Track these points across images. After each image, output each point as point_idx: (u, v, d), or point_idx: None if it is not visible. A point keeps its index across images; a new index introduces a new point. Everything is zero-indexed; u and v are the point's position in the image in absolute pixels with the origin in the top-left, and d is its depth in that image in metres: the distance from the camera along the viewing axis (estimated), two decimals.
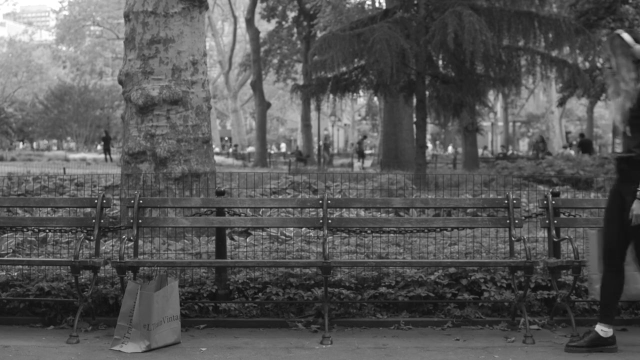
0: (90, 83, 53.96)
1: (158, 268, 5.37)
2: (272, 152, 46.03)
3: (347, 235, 6.04)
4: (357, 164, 36.96)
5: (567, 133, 55.34)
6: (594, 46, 19.18)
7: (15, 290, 5.30)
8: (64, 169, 17.09)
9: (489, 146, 55.64)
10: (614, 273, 4.57)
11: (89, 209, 6.28)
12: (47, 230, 6.22)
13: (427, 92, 19.66)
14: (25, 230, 6.01)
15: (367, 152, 45.21)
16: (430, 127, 47.49)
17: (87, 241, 5.22)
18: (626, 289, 4.63)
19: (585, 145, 30.96)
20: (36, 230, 6.05)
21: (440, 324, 5.22)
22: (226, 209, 5.63)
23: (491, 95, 24.78)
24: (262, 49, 35.40)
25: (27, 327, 5.19)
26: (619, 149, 4.52)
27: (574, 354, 4.54)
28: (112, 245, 5.97)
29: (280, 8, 34.79)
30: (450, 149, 45.08)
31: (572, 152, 33.24)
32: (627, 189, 4.44)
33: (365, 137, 51.76)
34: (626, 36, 4.52)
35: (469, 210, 7.46)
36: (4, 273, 5.47)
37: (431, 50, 18.94)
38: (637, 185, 4.35)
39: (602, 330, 4.57)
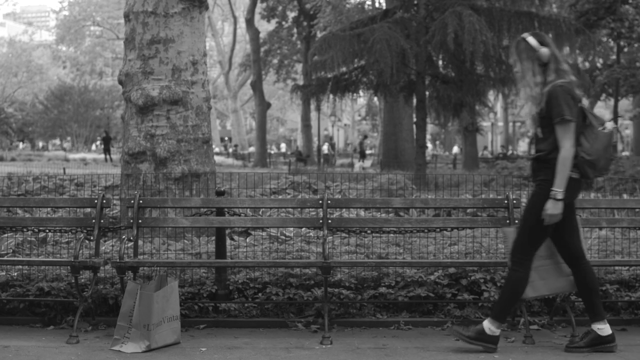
0: (90, 83, 53.97)
1: (158, 268, 5.37)
2: (272, 152, 46.03)
3: (347, 235, 6.04)
4: (358, 164, 36.95)
5: None
6: (594, 46, 19.20)
7: (15, 291, 5.30)
8: (64, 169, 17.10)
9: (489, 146, 55.64)
10: (521, 272, 4.56)
11: (89, 209, 6.28)
12: (47, 231, 6.22)
13: (427, 92, 19.66)
14: (25, 230, 6.01)
15: (367, 152, 45.23)
16: (430, 127, 47.45)
17: (87, 241, 5.23)
18: (547, 283, 4.65)
19: None
20: (36, 230, 6.04)
21: (440, 324, 5.22)
22: (226, 209, 5.62)
23: (491, 95, 24.77)
24: (262, 49, 35.41)
25: (27, 327, 5.19)
26: (532, 150, 4.55)
27: (560, 353, 4.54)
28: (112, 245, 5.97)
29: (280, 8, 34.80)
30: (455, 148, 45.01)
31: None
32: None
33: (365, 137, 51.79)
34: (531, 40, 4.53)
35: (469, 211, 7.46)
36: (4, 273, 5.47)
37: (431, 50, 18.95)
38: (549, 185, 4.37)
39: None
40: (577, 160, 4.40)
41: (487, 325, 4.56)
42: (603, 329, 4.53)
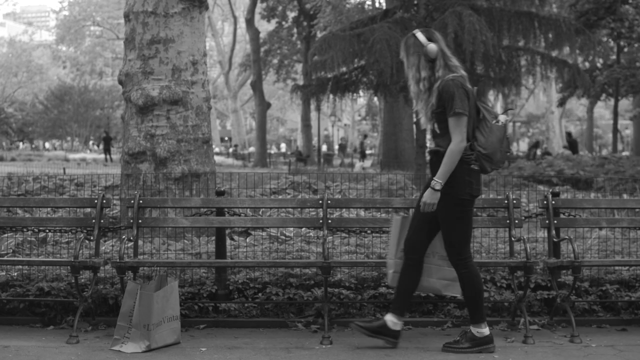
0: (90, 83, 53.98)
1: (158, 268, 5.37)
2: (272, 152, 46.04)
3: (347, 235, 6.04)
4: (358, 164, 36.93)
5: (568, 134, 55.33)
6: (594, 46, 19.18)
7: (15, 291, 5.30)
8: (64, 169, 17.10)
9: None
10: (413, 267, 4.61)
11: (89, 209, 6.28)
12: (47, 231, 6.22)
13: None
14: (25, 230, 6.01)
15: (367, 152, 45.22)
16: None
17: (87, 241, 5.22)
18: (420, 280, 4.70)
19: (572, 145, 31.19)
20: (36, 230, 6.04)
21: (440, 324, 5.22)
22: (226, 209, 5.62)
23: (491, 95, 24.78)
24: (262, 49, 35.40)
25: (27, 327, 5.19)
26: (430, 144, 4.59)
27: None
28: (112, 245, 5.97)
29: (280, 8, 34.79)
30: None
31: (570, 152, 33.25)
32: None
33: (365, 136, 51.80)
34: (420, 35, 4.56)
35: None
36: (4, 273, 5.47)
37: None
38: (452, 179, 4.42)
39: (392, 321, 4.60)
40: (474, 154, 4.44)
41: (390, 319, 4.62)
42: (396, 323, 4.62)
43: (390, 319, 4.62)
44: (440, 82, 4.46)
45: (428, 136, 4.56)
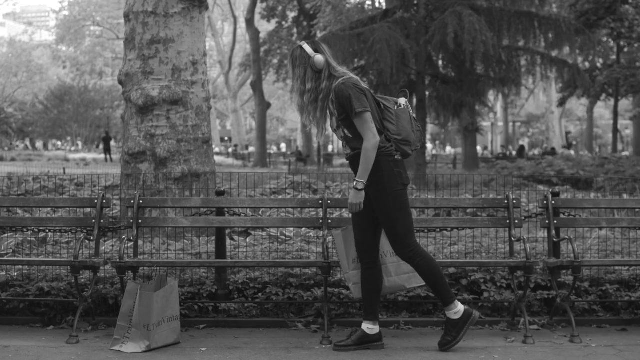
0: (90, 83, 53.98)
1: (158, 268, 5.37)
2: (272, 152, 46.04)
3: None
4: None
5: (567, 133, 55.38)
6: (594, 46, 19.20)
7: (15, 290, 5.30)
8: (64, 169, 17.09)
9: (489, 146, 55.66)
10: (371, 270, 4.61)
11: (89, 209, 6.28)
12: (47, 230, 6.22)
13: (427, 92, 19.65)
14: (25, 230, 6.01)
15: None
16: (430, 127, 47.49)
17: (87, 241, 5.22)
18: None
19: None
20: (36, 230, 6.04)
21: (440, 324, 5.21)
22: (226, 209, 5.62)
23: (491, 95, 24.79)
24: (262, 49, 35.38)
25: (27, 327, 5.19)
26: (346, 150, 4.59)
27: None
28: (112, 245, 5.97)
29: (280, 8, 34.80)
30: (448, 149, 45.22)
31: (572, 152, 33.30)
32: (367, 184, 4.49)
33: None
34: (307, 47, 4.56)
35: (469, 210, 7.46)
36: (4, 273, 5.47)
37: (431, 51, 18.96)
38: (381, 178, 4.44)
39: (369, 327, 4.62)
40: (392, 144, 4.48)
41: (366, 326, 4.63)
42: (372, 329, 4.62)
43: (366, 327, 4.64)
44: (333, 91, 4.48)
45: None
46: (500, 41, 18.61)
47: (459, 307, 4.57)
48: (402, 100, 4.59)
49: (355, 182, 4.46)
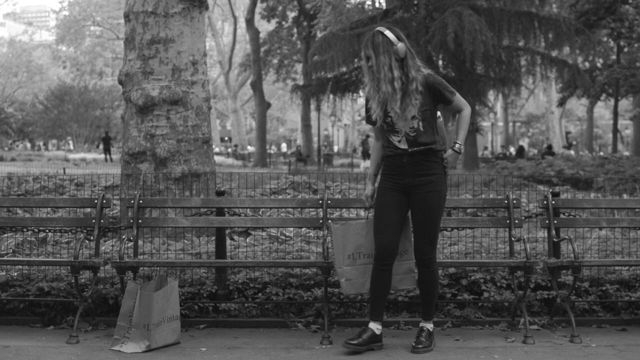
0: (90, 83, 53.96)
1: (158, 268, 5.37)
2: (272, 152, 46.05)
3: None
4: (363, 164, 36.86)
5: (567, 133, 55.38)
6: (594, 46, 19.22)
7: (15, 290, 5.30)
8: (64, 169, 17.10)
9: (489, 146, 55.64)
10: (388, 272, 4.58)
11: (89, 209, 6.28)
12: (47, 230, 6.22)
13: None
14: (25, 230, 6.01)
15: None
16: None
17: (87, 241, 5.22)
18: (366, 282, 4.69)
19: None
20: (36, 230, 6.04)
21: (440, 324, 5.21)
22: (226, 209, 5.62)
23: (491, 95, 24.79)
24: (262, 49, 35.40)
25: (27, 327, 5.19)
26: (403, 145, 4.49)
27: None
28: (112, 245, 5.97)
29: (280, 8, 34.81)
30: None
31: (572, 153, 33.29)
32: (420, 181, 4.48)
33: (368, 136, 51.75)
34: (389, 33, 4.47)
35: (469, 210, 7.46)
36: (4, 273, 5.47)
37: (431, 51, 18.96)
38: (444, 178, 4.53)
39: (377, 328, 4.61)
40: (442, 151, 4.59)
41: (375, 327, 4.63)
42: (380, 329, 4.63)
43: (375, 327, 4.62)
44: (424, 78, 4.47)
45: (397, 138, 4.46)
46: (500, 41, 18.63)
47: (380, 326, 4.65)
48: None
49: (457, 145, 4.51)
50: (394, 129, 4.53)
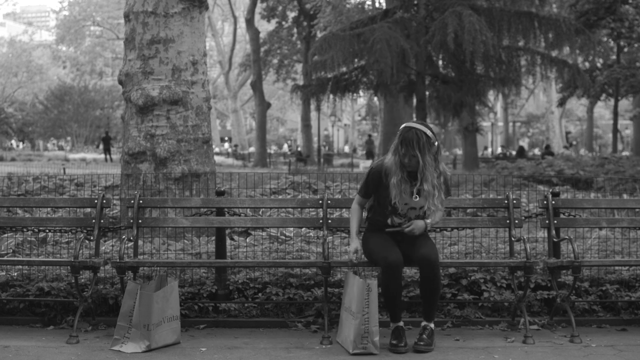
0: (90, 83, 53.95)
1: (158, 268, 5.37)
2: (272, 152, 46.05)
3: (347, 235, 6.02)
4: (362, 164, 36.86)
5: (567, 133, 55.40)
6: (594, 46, 19.20)
7: (15, 290, 5.30)
8: (64, 169, 17.10)
9: (489, 146, 55.65)
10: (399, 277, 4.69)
11: (89, 209, 6.28)
12: (47, 230, 6.22)
13: (427, 92, 19.65)
14: (25, 230, 6.01)
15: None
16: None
17: (87, 241, 5.22)
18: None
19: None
20: (36, 230, 6.04)
21: (440, 324, 5.21)
22: (226, 209, 5.62)
23: (491, 95, 24.78)
24: (262, 49, 35.40)
25: (27, 327, 5.19)
26: (404, 222, 4.75)
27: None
28: (112, 245, 5.97)
29: (280, 8, 34.80)
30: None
31: (572, 153, 33.28)
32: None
33: (370, 135, 51.76)
34: (429, 133, 4.63)
35: (469, 210, 7.46)
36: (4, 273, 5.47)
37: (431, 50, 18.96)
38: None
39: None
40: None
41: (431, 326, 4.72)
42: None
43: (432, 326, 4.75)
44: (443, 173, 4.70)
45: (398, 220, 4.70)
46: (500, 41, 18.61)
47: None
48: None
49: (428, 222, 4.75)
50: (396, 212, 4.75)
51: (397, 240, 4.79)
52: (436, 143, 4.62)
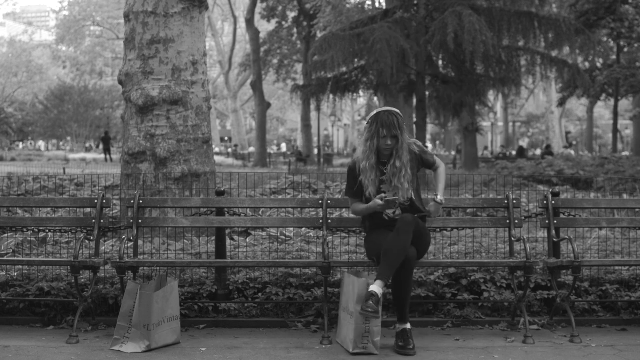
0: (90, 83, 53.98)
1: (158, 268, 5.37)
2: (272, 152, 46.06)
3: (347, 235, 6.03)
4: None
5: (567, 133, 55.40)
6: (594, 46, 19.20)
7: (15, 290, 5.30)
8: (64, 169, 17.10)
9: (489, 146, 55.66)
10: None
11: (89, 209, 6.28)
12: (47, 230, 6.22)
13: (427, 92, 19.65)
14: (25, 230, 6.01)
15: None
16: (430, 127, 47.50)
17: (87, 241, 5.22)
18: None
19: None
20: (36, 230, 6.04)
21: (440, 324, 5.22)
22: (226, 209, 5.62)
23: (491, 95, 24.77)
24: (262, 49, 35.40)
25: (27, 327, 5.19)
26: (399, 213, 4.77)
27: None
28: (112, 245, 5.97)
29: (280, 8, 34.80)
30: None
31: (572, 153, 33.28)
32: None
33: None
34: (400, 114, 4.84)
35: (469, 210, 7.45)
36: (4, 273, 5.47)
37: (431, 50, 18.96)
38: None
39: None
40: None
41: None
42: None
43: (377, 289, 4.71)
44: (409, 146, 4.83)
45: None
46: (500, 41, 18.61)
47: None
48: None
49: (438, 197, 4.90)
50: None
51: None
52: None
